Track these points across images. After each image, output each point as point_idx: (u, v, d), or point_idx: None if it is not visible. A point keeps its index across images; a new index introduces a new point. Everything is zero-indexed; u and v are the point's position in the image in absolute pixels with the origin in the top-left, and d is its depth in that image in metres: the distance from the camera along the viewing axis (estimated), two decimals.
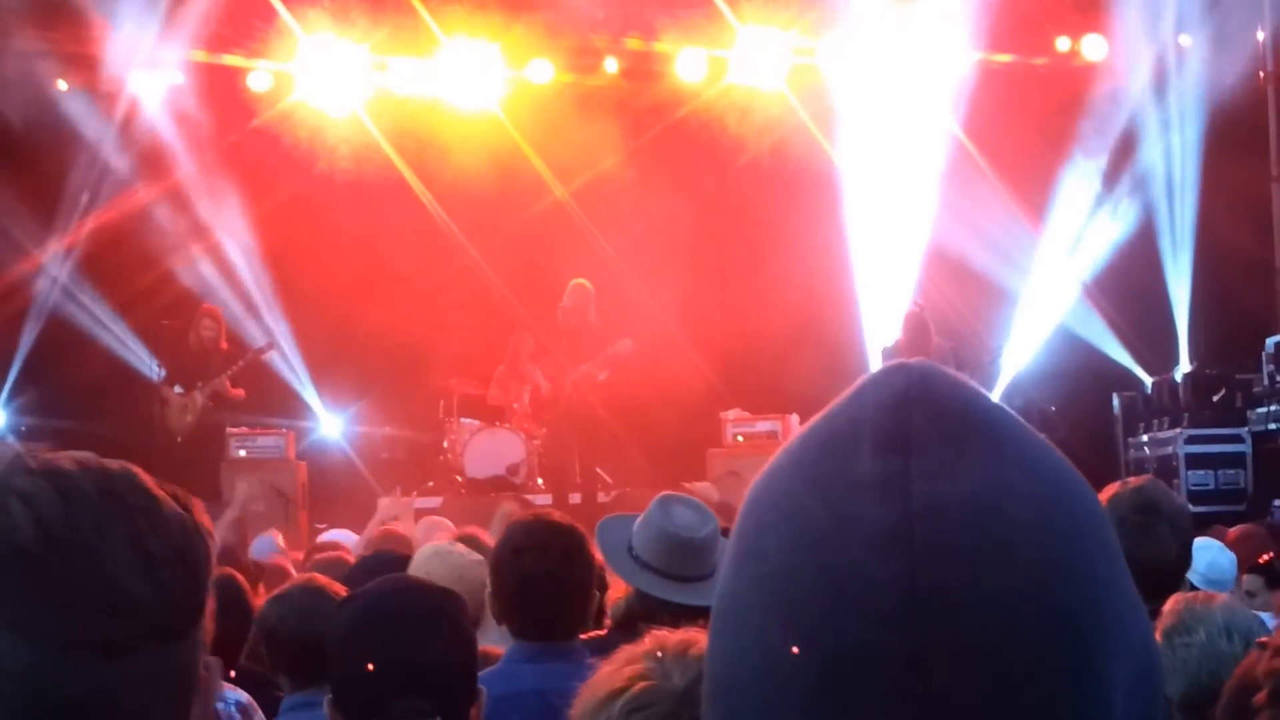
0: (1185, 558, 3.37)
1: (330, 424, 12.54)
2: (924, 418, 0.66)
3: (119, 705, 1.04)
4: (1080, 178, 12.22)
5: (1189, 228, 12.09)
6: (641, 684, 1.45)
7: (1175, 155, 12.10)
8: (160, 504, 1.10)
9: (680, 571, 3.30)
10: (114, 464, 1.12)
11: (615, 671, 1.47)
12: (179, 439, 10.79)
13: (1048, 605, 0.63)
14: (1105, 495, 3.32)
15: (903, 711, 0.62)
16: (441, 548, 3.94)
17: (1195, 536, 3.61)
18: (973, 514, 0.64)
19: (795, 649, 0.64)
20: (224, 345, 11.11)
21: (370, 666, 2.21)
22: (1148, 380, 11.89)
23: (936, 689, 0.61)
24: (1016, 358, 12.08)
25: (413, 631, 2.23)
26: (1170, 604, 2.61)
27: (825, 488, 0.67)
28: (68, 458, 1.12)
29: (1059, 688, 0.63)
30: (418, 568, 3.76)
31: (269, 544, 6.97)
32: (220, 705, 3.18)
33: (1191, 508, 6.43)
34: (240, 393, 11.07)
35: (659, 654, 1.51)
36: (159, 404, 10.84)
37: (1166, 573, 3.22)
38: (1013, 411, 0.70)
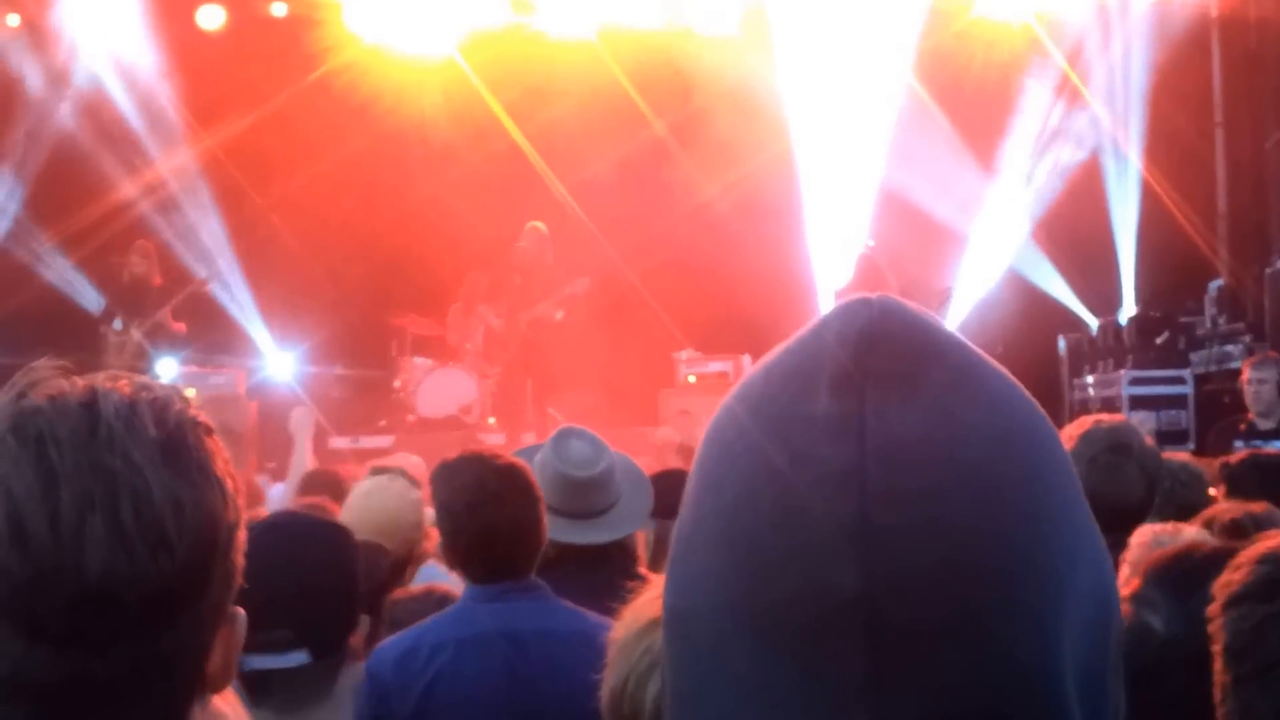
0: (1151, 495, 3.54)
1: (280, 362, 12.42)
2: (882, 355, 0.66)
3: (95, 691, 1.01)
4: (1030, 122, 12.30)
5: (1135, 173, 12.22)
6: None
7: (1120, 101, 12.20)
8: (151, 473, 1.01)
9: (573, 508, 3.34)
10: (113, 410, 1.03)
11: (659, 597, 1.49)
12: None
13: (997, 543, 0.64)
14: (1078, 431, 3.55)
15: (851, 647, 0.62)
16: (376, 484, 3.83)
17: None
18: (926, 453, 0.64)
19: (749, 582, 0.65)
20: (157, 280, 10.91)
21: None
22: (1093, 322, 12.07)
23: (884, 626, 0.62)
24: (966, 299, 12.21)
25: (274, 565, 2.24)
26: (1137, 535, 2.66)
27: (783, 424, 0.67)
28: (63, 403, 1.02)
29: (1006, 624, 0.63)
30: (353, 505, 3.73)
31: None
32: None
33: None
34: (181, 326, 10.94)
35: None
36: (98, 342, 10.68)
37: (1132, 509, 3.42)
38: (975, 346, 0.69)
